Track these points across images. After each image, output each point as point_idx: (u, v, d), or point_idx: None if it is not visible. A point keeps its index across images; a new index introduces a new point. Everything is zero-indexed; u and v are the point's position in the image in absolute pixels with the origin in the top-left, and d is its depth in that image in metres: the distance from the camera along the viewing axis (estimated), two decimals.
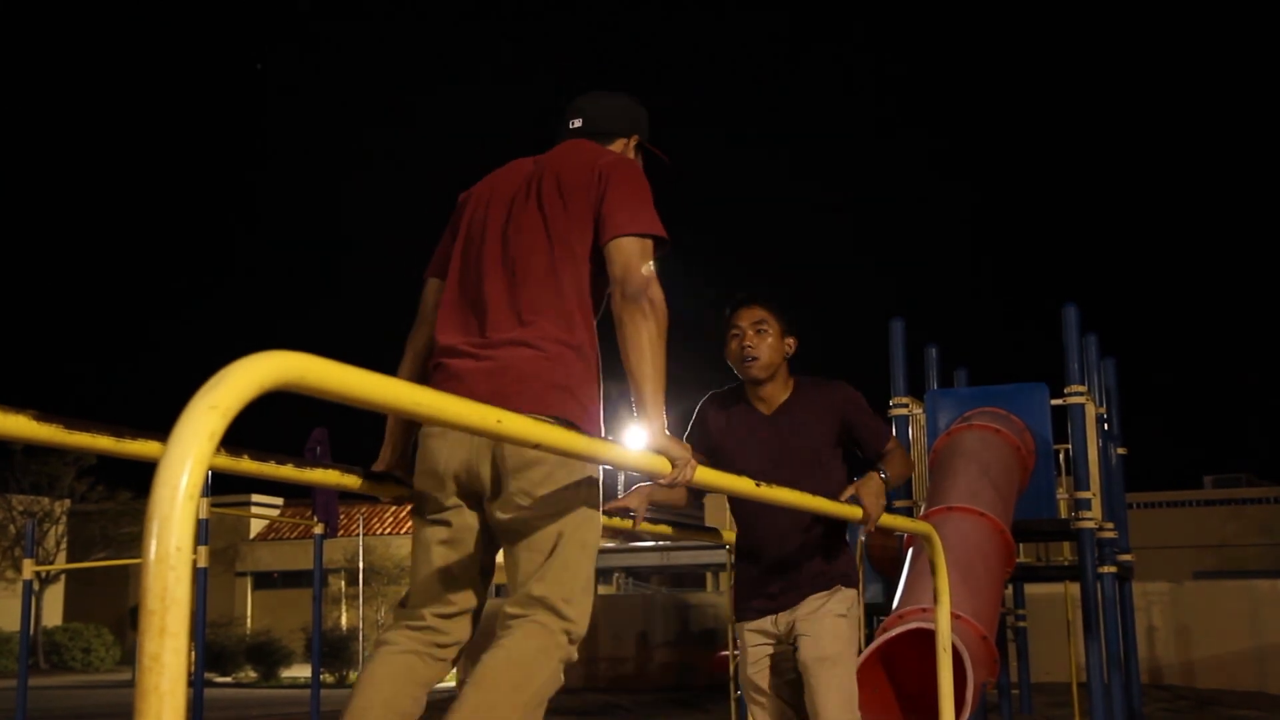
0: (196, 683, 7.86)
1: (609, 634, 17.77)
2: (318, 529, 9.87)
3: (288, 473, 2.09)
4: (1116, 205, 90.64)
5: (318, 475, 2.19)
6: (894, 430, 8.59)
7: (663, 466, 2.33)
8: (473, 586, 2.58)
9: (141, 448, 1.77)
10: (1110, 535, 8.06)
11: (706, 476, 2.44)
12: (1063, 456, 8.40)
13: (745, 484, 2.64)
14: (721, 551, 24.52)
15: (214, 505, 9.09)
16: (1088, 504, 7.71)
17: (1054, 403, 8.02)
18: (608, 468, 2.57)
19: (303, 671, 23.37)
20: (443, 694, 20.13)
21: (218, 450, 1.69)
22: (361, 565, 24.13)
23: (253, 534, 36.24)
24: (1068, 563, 9.68)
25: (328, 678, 22.29)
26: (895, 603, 6.18)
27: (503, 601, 2.52)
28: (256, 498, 35.35)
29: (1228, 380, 74.89)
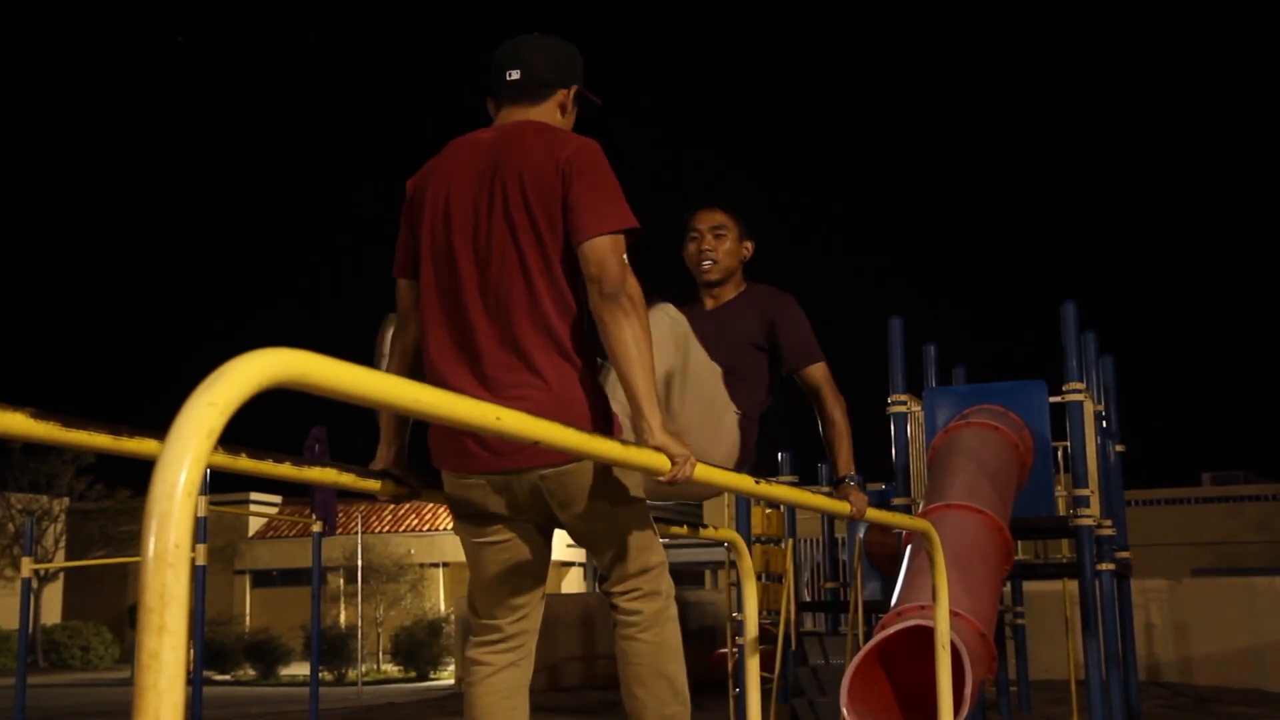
0: (195, 681, 7.86)
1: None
2: (316, 527, 9.87)
3: (286, 471, 2.08)
4: (1115, 202, 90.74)
5: (316, 473, 2.19)
6: (892, 428, 8.58)
7: (661, 464, 2.31)
8: (536, 580, 2.75)
9: (139, 445, 1.77)
10: (1109, 532, 8.06)
11: (705, 474, 2.43)
12: (1061, 454, 8.39)
13: (745, 481, 2.63)
14: (720, 549, 24.50)
15: (212, 503, 9.08)
16: (1086, 501, 7.71)
17: (1052, 400, 8.02)
18: None
19: (301, 669, 23.36)
20: (440, 691, 20.08)
21: (216, 448, 1.68)
22: (360, 563, 24.11)
23: (251, 532, 36.25)
24: (1066, 560, 9.68)
25: (326, 676, 22.29)
26: (894, 600, 6.18)
27: (605, 581, 2.74)
28: (255, 496, 35.35)
29: (1226, 378, 74.99)
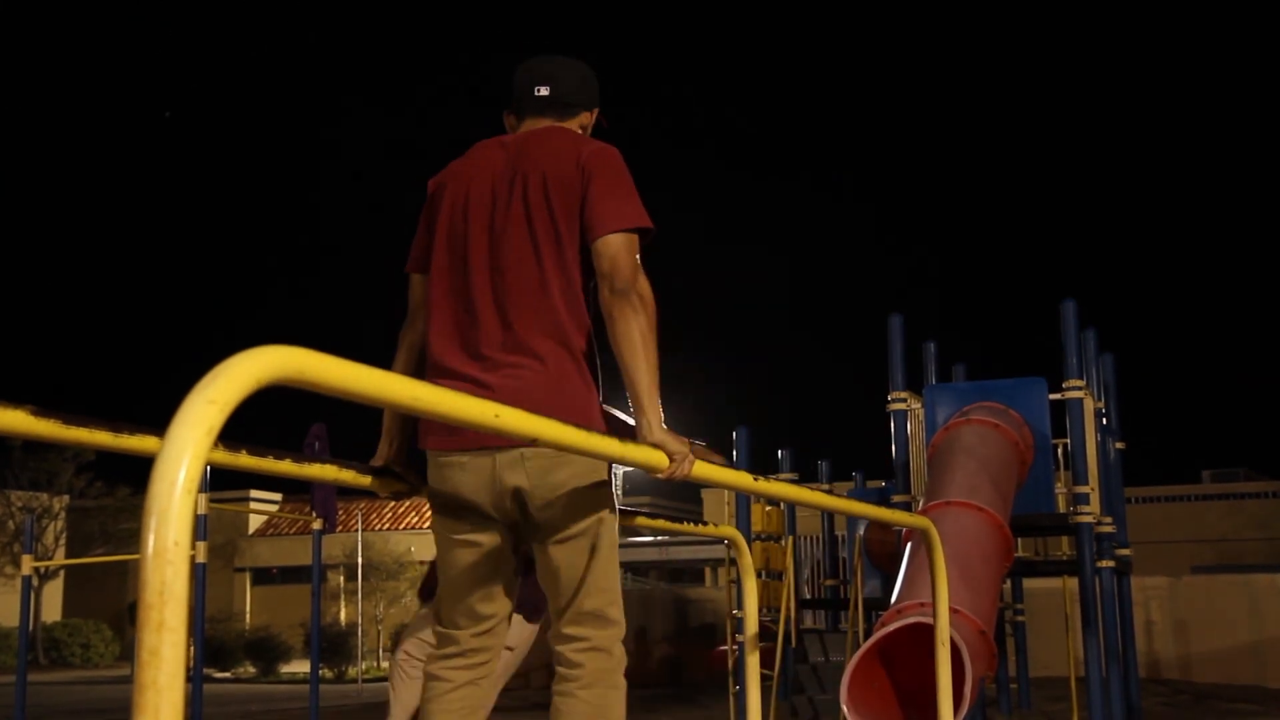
0: (195, 678, 7.86)
1: None
2: (316, 524, 9.86)
3: (286, 468, 2.08)
4: (1115, 200, 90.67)
5: (316, 470, 2.19)
6: (892, 425, 8.57)
7: (660, 461, 2.31)
8: (506, 595, 2.68)
9: (139, 443, 1.77)
10: (1108, 530, 8.06)
11: (704, 471, 2.43)
12: (1061, 451, 8.40)
13: (742, 478, 2.64)
14: (720, 546, 24.51)
15: (212, 500, 9.08)
16: (1086, 499, 7.71)
17: (1052, 397, 8.02)
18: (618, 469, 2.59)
19: (301, 667, 23.37)
20: None
21: (216, 445, 1.69)
22: (360, 560, 24.10)
23: (251, 529, 36.26)
24: (1066, 557, 9.68)
25: (326, 673, 22.29)
26: (893, 597, 6.19)
27: (557, 620, 2.62)
28: (255, 493, 35.38)
29: (1226, 375, 74.97)
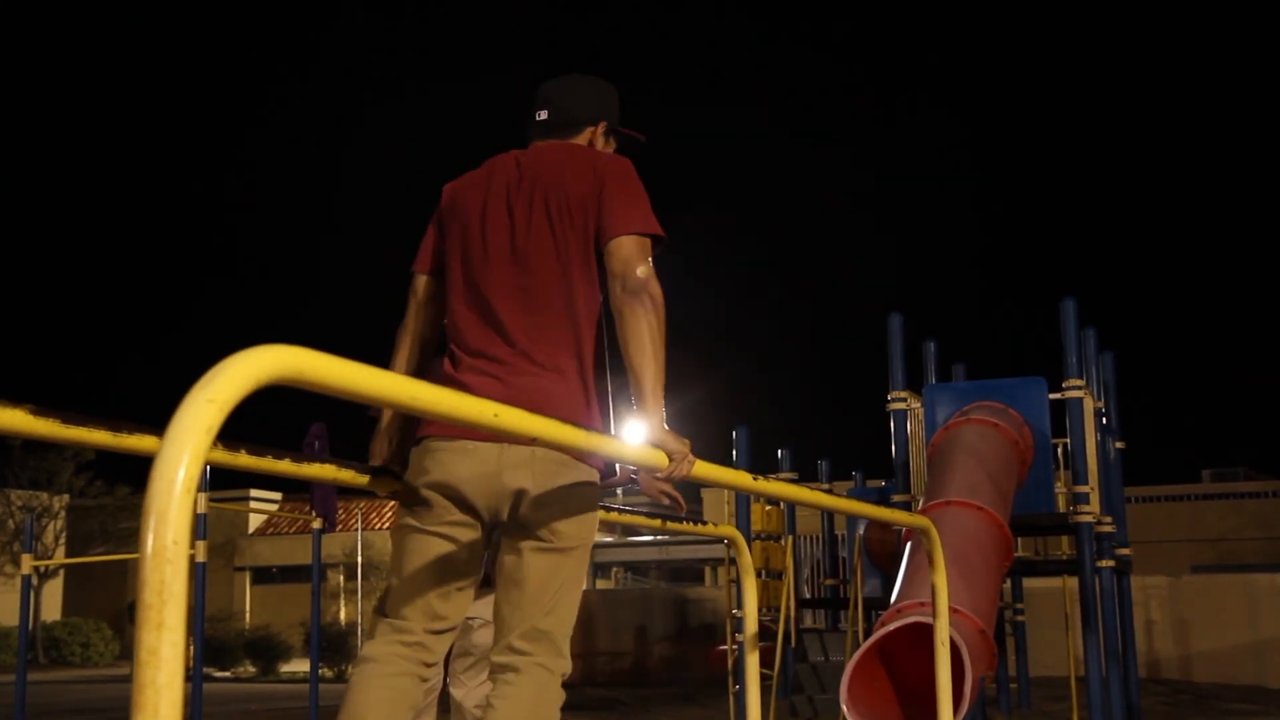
0: (195, 677, 7.85)
1: (607, 628, 17.76)
2: (316, 524, 9.86)
3: (286, 467, 2.08)
4: (1115, 199, 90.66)
5: (316, 470, 2.19)
6: (892, 425, 8.57)
7: (660, 460, 2.31)
8: (463, 599, 2.55)
9: (139, 442, 1.77)
10: (1108, 529, 8.06)
11: (705, 470, 2.43)
12: (1061, 451, 8.39)
13: (742, 477, 2.64)
14: (720, 546, 24.51)
15: (212, 500, 9.07)
16: (1086, 498, 7.71)
17: (1052, 397, 8.02)
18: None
19: (301, 666, 23.38)
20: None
21: (215, 444, 1.69)
22: (360, 560, 24.13)
23: (251, 529, 36.25)
24: (1066, 557, 9.68)
25: (326, 672, 22.29)
26: (893, 597, 6.19)
27: (507, 634, 2.46)
28: (255, 493, 35.37)
29: (1226, 374, 74.97)
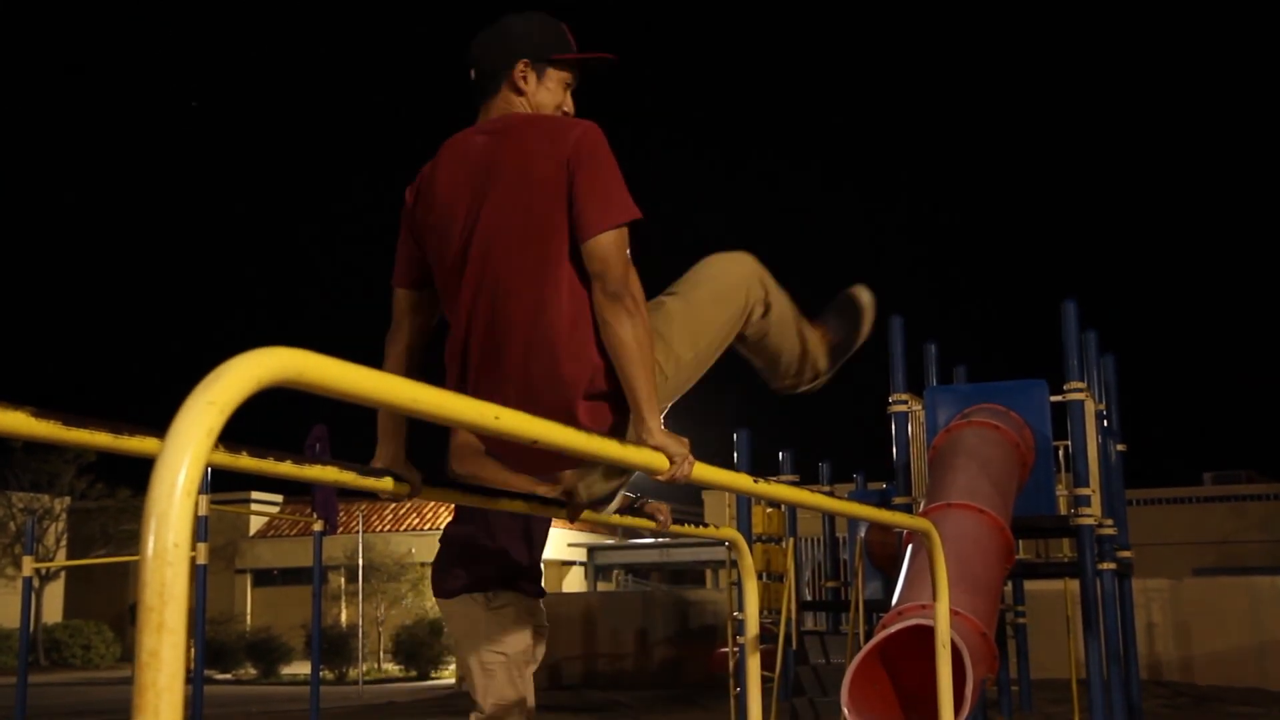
0: (196, 680, 7.86)
1: (608, 631, 17.76)
2: (317, 526, 9.87)
3: (287, 469, 2.08)
4: (1116, 201, 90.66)
5: (317, 472, 2.18)
6: (893, 427, 8.57)
7: (660, 463, 2.30)
8: None
9: (140, 444, 1.77)
10: (1110, 532, 8.06)
11: (705, 473, 2.43)
12: (1062, 453, 8.39)
13: (743, 480, 2.63)
14: (721, 548, 24.49)
15: (213, 502, 9.08)
16: (1087, 500, 7.71)
17: (1053, 399, 8.02)
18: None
19: (302, 668, 23.37)
20: (441, 690, 20.06)
21: (216, 446, 1.69)
22: (361, 562, 24.09)
23: (252, 531, 36.26)
24: (1067, 559, 9.68)
25: (327, 675, 22.30)
26: (894, 599, 6.19)
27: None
28: (256, 495, 35.36)
29: (1228, 376, 74.97)
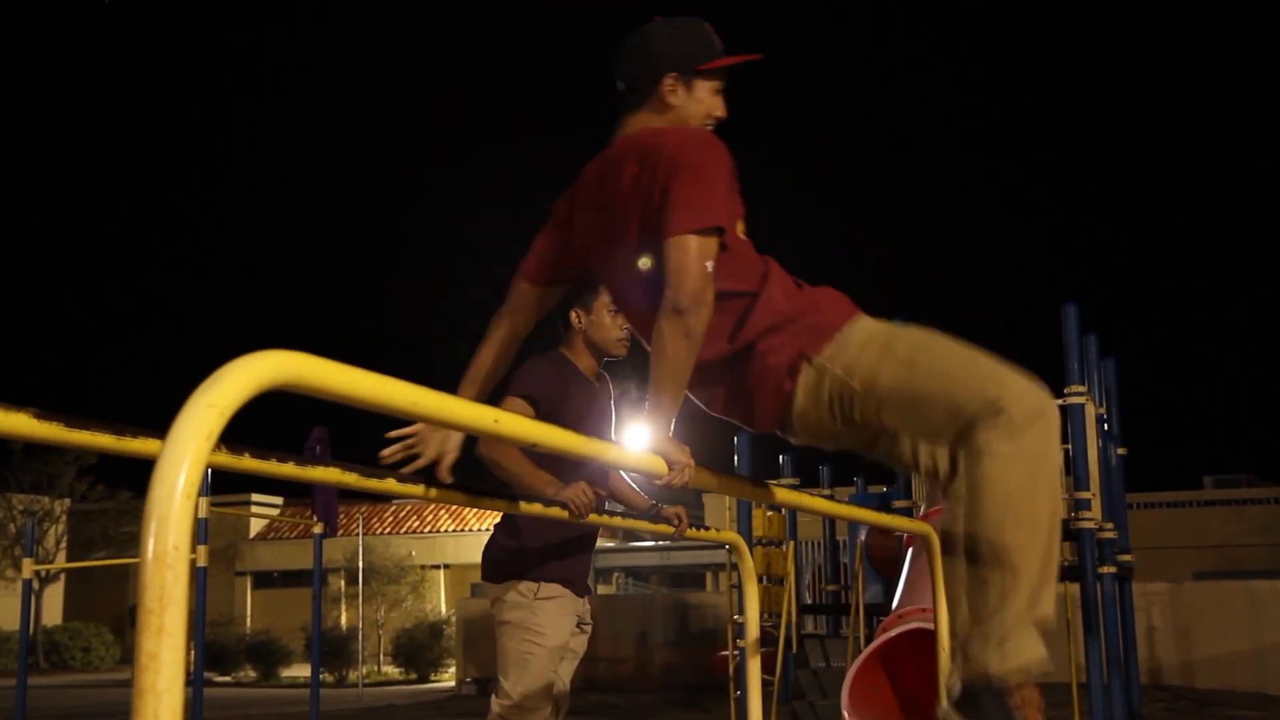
0: (196, 682, 7.85)
1: (608, 634, 17.75)
2: (317, 528, 9.87)
3: (288, 471, 2.08)
4: (1117, 204, 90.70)
5: (317, 473, 2.18)
6: None
7: (659, 467, 2.31)
8: None
9: (141, 446, 1.77)
10: (1110, 535, 8.06)
11: (706, 477, 2.43)
12: (1062, 457, 8.40)
13: (744, 485, 2.64)
14: (721, 551, 24.49)
15: (213, 504, 9.07)
16: (1087, 504, 7.71)
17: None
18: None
19: (302, 671, 23.36)
20: (441, 693, 20.05)
21: (217, 448, 1.69)
22: (361, 565, 24.10)
23: (252, 533, 36.26)
24: (1067, 563, 9.66)
25: (327, 677, 22.29)
26: (895, 603, 6.19)
27: None
28: (256, 497, 35.36)
29: (1228, 380, 74.90)
